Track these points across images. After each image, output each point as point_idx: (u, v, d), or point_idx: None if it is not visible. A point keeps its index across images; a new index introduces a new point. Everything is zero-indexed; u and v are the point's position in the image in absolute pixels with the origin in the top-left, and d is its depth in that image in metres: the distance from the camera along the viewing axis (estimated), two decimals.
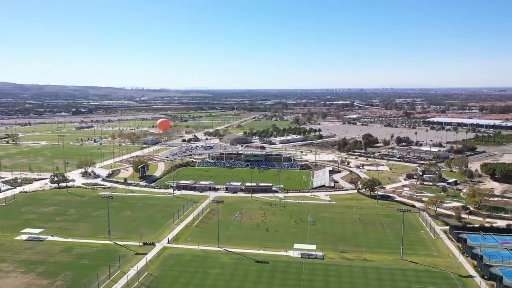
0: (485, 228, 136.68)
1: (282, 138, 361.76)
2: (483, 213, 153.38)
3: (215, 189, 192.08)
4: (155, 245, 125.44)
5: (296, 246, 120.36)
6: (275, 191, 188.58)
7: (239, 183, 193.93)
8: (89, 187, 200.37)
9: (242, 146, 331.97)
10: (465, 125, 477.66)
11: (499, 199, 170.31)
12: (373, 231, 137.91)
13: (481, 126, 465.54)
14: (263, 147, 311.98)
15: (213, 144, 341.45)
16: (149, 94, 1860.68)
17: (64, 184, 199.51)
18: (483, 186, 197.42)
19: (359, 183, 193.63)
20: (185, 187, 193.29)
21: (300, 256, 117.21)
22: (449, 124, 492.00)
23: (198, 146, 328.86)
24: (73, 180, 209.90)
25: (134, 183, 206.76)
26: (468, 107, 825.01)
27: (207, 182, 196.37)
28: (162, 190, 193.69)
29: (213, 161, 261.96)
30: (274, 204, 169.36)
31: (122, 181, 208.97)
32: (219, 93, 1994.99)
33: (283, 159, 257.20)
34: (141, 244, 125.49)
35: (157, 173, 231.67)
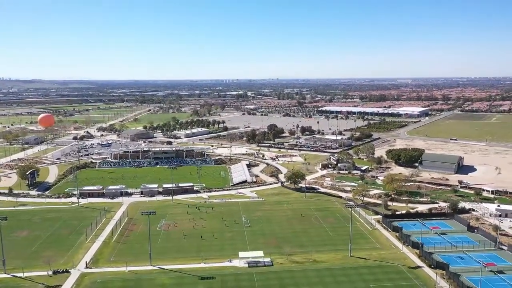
0: (412, 214, 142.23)
1: (187, 132, 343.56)
2: (404, 199, 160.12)
3: (128, 194, 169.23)
4: (70, 272, 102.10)
5: (241, 254, 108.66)
6: (197, 191, 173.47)
7: (155, 185, 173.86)
8: None
9: (144, 142, 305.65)
10: (354, 113, 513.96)
11: (412, 183, 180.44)
12: (311, 228, 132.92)
13: (368, 113, 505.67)
14: (170, 142, 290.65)
15: (111, 141, 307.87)
16: (18, 85, 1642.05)
17: None
18: (391, 171, 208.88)
19: (283, 176, 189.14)
20: (91, 194, 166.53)
21: (247, 265, 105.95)
22: (340, 112, 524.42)
23: (94, 144, 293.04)
24: None
25: (23, 193, 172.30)
26: (349, 96, 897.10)
27: (117, 187, 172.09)
28: (63, 200, 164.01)
29: (116, 160, 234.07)
30: (200, 206, 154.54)
31: (6, 191, 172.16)
32: (104, 84, 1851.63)
33: (196, 154, 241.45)
34: (50, 273, 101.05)
35: (50, 179, 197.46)
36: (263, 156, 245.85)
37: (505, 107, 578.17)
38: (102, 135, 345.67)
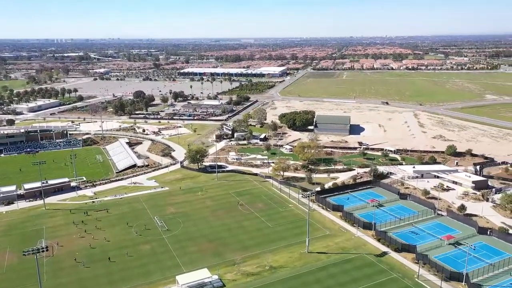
0: (341, 187, 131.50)
1: (31, 105, 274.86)
2: (322, 168, 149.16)
3: None
4: None
5: (179, 278, 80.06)
6: (77, 188, 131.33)
7: (12, 187, 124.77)
8: None
9: None
10: (218, 74, 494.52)
11: (320, 150, 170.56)
12: (244, 220, 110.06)
13: (232, 74, 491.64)
14: (11, 121, 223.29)
15: None
16: None
17: None
18: (289, 137, 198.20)
19: (183, 154, 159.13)
20: None
21: None
22: (204, 74, 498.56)
23: None
24: None
25: None
26: (205, 57, 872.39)
27: None
28: None
29: None
30: (88, 210, 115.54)
31: None
32: None
33: (55, 135, 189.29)
34: None
35: None
36: (144, 130, 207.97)
37: (347, 65, 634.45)
38: None
